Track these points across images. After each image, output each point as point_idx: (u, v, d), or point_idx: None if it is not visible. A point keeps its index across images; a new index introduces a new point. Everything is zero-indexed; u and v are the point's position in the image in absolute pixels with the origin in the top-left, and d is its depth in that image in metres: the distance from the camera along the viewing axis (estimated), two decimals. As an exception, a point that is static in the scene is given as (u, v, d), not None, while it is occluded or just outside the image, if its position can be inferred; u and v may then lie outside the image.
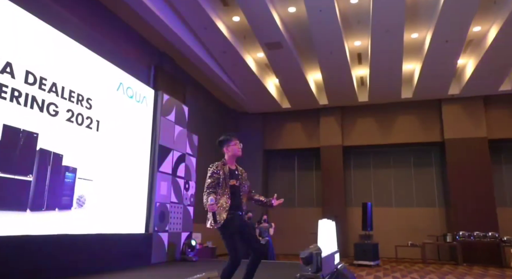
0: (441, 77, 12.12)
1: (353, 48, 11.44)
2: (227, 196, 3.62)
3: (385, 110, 14.41)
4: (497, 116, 13.28)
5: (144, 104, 7.14)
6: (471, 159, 12.94)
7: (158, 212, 6.88)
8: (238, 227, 3.59)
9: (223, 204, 3.57)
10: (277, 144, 15.70)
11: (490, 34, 10.14)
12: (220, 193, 3.59)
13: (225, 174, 3.66)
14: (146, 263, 6.44)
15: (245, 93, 13.78)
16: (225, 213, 3.52)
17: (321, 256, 4.84)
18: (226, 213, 3.52)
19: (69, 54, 5.51)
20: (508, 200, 13.15)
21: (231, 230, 3.52)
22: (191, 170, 8.59)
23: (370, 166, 15.22)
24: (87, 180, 5.54)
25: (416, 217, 13.90)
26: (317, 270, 4.93)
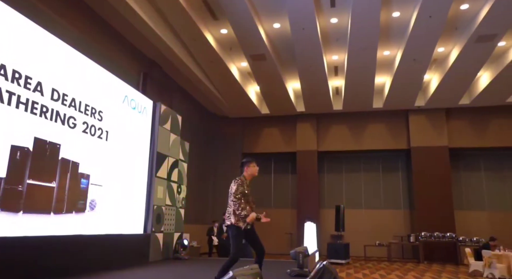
0: (408, 90, 13.21)
1: (331, 61, 12.30)
2: (249, 206, 4.36)
3: (357, 119, 15.40)
4: (457, 127, 14.56)
5: (144, 114, 7.63)
6: (434, 165, 14.14)
7: (155, 214, 7.41)
8: (247, 232, 4.38)
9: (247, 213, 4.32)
10: (256, 147, 16.37)
11: (452, 54, 11.26)
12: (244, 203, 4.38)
13: (246, 188, 4.41)
14: (144, 261, 6.95)
15: (227, 99, 14.38)
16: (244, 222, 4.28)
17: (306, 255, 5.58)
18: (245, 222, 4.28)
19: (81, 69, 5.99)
20: (464, 203, 14.44)
21: (243, 234, 4.29)
22: (183, 174, 9.14)
23: (342, 170, 16.20)
24: (98, 186, 6.00)
25: (383, 218, 14.99)
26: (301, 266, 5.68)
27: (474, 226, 13.93)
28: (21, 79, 4.67)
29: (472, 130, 14.42)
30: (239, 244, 4.29)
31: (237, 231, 4.31)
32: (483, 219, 14.15)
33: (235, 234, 4.32)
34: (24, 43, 4.81)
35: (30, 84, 4.80)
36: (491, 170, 14.70)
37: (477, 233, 13.42)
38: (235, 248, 4.26)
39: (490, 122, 14.32)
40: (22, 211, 4.56)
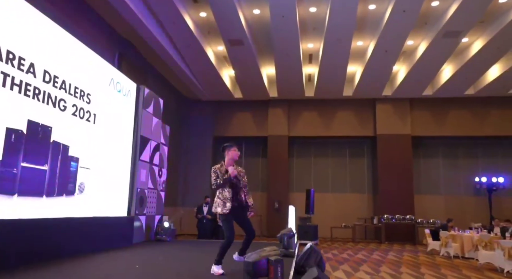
0: (377, 80, 13.80)
1: (306, 49, 12.56)
2: (227, 189, 4.51)
3: (327, 106, 15.89)
4: (419, 116, 15.43)
5: (128, 97, 7.54)
6: (397, 152, 14.97)
7: (138, 197, 7.44)
8: (235, 214, 4.52)
9: (226, 195, 4.46)
10: (227, 131, 16.51)
11: (420, 48, 11.86)
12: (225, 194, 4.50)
13: (222, 173, 4.52)
14: (128, 243, 7.02)
15: (202, 83, 14.35)
16: (229, 202, 4.44)
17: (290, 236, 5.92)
18: (230, 202, 4.44)
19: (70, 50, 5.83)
20: (423, 188, 15.46)
21: (230, 216, 4.46)
22: (164, 158, 9.16)
23: (311, 155, 16.74)
24: (86, 169, 5.95)
25: (349, 202, 15.76)
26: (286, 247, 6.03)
27: (430, 209, 15.00)
28: (15, 60, 4.53)
29: (433, 120, 15.35)
30: (230, 226, 4.46)
31: (225, 216, 4.46)
32: (439, 203, 15.25)
33: (224, 219, 4.49)
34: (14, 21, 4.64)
35: (23, 65, 4.66)
36: (448, 158, 15.78)
37: (433, 215, 14.49)
38: (228, 231, 4.44)
39: (449, 113, 15.29)
40: (17, 194, 4.50)
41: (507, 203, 14.74)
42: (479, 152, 15.64)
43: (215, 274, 4.29)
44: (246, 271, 2.67)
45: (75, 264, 5.12)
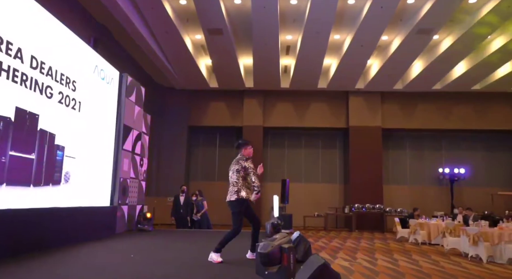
0: (352, 74, 14.16)
1: (284, 40, 12.66)
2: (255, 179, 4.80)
3: (302, 97, 16.13)
4: (389, 109, 16.00)
5: (111, 85, 7.33)
6: (368, 144, 15.49)
7: (121, 186, 7.31)
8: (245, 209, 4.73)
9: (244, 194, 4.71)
10: (202, 120, 16.42)
11: (393, 43, 12.27)
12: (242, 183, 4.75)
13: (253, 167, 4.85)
14: (111, 233, 6.92)
15: (178, 71, 14.14)
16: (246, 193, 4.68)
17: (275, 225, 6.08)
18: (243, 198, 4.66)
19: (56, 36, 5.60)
20: (391, 179, 16.13)
21: (241, 208, 4.67)
22: (145, 147, 9.02)
23: (285, 145, 16.99)
24: (72, 158, 5.77)
25: (321, 191, 16.18)
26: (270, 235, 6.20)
27: (397, 198, 15.70)
28: (2, 44, 4.31)
29: (402, 113, 15.97)
30: (241, 218, 4.67)
31: (240, 207, 4.63)
32: (405, 192, 15.99)
33: (238, 211, 4.65)
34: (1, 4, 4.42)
35: (11, 50, 4.44)
36: (414, 149, 16.52)
37: (400, 204, 15.20)
38: (238, 222, 4.62)
39: (417, 106, 15.96)
40: (5, 184, 4.33)
41: (467, 193, 15.68)
42: (443, 144, 16.47)
43: (214, 262, 4.39)
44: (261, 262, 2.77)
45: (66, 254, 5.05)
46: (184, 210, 8.95)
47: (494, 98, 15.53)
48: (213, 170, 16.82)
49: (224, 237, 4.54)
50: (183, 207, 8.94)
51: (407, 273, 6.09)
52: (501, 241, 7.63)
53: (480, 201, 14.72)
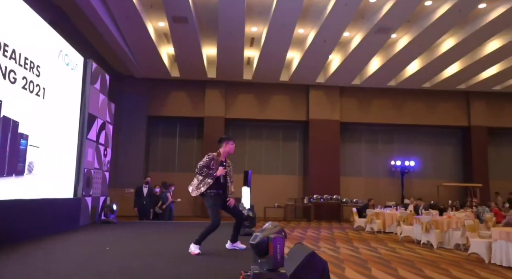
0: (313, 68, 14.47)
1: (249, 32, 12.65)
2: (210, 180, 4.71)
3: (263, 89, 16.25)
4: (347, 103, 16.57)
5: (76, 71, 6.92)
6: (327, 137, 15.97)
7: (85, 177, 6.98)
8: (220, 201, 4.71)
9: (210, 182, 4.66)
10: (162, 110, 16.07)
11: (354, 40, 12.69)
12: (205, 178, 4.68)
13: (217, 162, 4.73)
14: (75, 226, 6.61)
15: (138, 59, 13.69)
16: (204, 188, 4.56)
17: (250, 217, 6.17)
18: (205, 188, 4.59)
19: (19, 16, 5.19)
20: (347, 170, 16.77)
21: (215, 201, 4.63)
22: (109, 137, 8.65)
23: (246, 137, 17.07)
24: (35, 147, 5.40)
25: (281, 183, 16.48)
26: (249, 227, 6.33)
27: (353, 189, 16.38)
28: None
29: (358, 108, 16.61)
30: (216, 210, 4.65)
31: (214, 200, 4.61)
32: (360, 184, 16.72)
33: (212, 204, 4.63)
34: None
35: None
36: (369, 143, 17.28)
37: (355, 195, 15.89)
38: (215, 216, 4.61)
39: (373, 102, 16.66)
40: (-34, 175, 4.01)
41: (416, 184, 16.70)
42: (395, 138, 17.37)
43: (192, 254, 4.39)
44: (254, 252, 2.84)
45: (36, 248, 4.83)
46: (147, 202, 8.77)
47: (442, 95, 16.59)
48: (172, 160, 16.57)
49: (204, 230, 4.56)
50: (146, 199, 8.76)
51: (369, 260, 6.43)
52: (449, 228, 8.28)
53: (427, 192, 15.74)
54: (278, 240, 2.77)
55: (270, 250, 2.73)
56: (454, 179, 16.85)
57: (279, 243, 2.75)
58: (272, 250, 2.74)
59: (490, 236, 7.19)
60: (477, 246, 6.77)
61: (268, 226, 3.03)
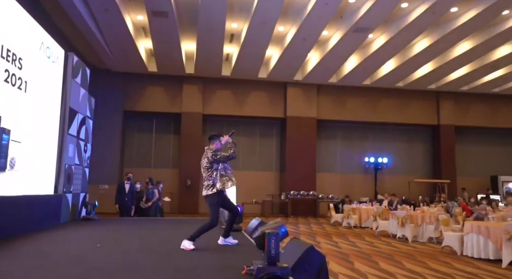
0: (291, 65, 14.63)
1: (229, 28, 12.62)
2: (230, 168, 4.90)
3: (242, 86, 16.28)
4: (324, 101, 16.86)
5: (57, 65, 6.67)
6: (304, 134, 16.20)
7: (66, 173, 6.77)
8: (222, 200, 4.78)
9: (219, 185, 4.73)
10: (138, 105, 15.80)
11: (332, 39, 12.91)
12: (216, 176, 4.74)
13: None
14: (56, 223, 6.41)
15: (114, 52, 13.38)
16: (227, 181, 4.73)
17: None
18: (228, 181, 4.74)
19: None
20: (323, 167, 17.08)
21: (218, 199, 4.72)
22: (89, 132, 8.42)
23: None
24: (17, 142, 5.19)
25: (258, 179, 16.59)
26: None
27: (328, 185, 16.71)
28: None
29: (334, 106, 16.94)
30: (216, 211, 4.74)
31: (217, 199, 4.67)
32: (335, 180, 17.09)
33: (214, 203, 4.68)
34: None
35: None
36: (344, 140, 17.67)
37: (331, 191, 16.23)
38: (214, 215, 4.67)
39: (348, 100, 17.03)
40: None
41: (388, 180, 17.25)
42: (369, 135, 17.84)
43: (186, 249, 4.40)
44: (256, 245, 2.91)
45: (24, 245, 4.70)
46: (129, 198, 8.64)
47: (414, 95, 17.19)
48: (149, 156, 16.35)
49: (200, 228, 4.59)
50: (128, 195, 8.63)
51: (351, 254, 6.64)
52: (423, 222, 8.64)
53: (399, 188, 16.26)
54: (273, 235, 2.84)
55: (265, 245, 2.80)
56: (424, 175, 17.54)
57: (274, 238, 2.83)
58: (267, 244, 2.81)
59: (460, 230, 7.59)
60: (450, 239, 7.12)
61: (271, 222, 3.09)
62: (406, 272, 5.29)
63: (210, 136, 5.07)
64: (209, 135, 5.10)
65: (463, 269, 5.68)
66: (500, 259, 6.08)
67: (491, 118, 17.68)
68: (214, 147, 4.91)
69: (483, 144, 18.35)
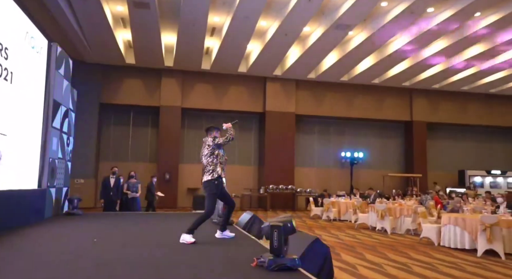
0: (272, 60, 14.71)
1: (211, 22, 12.52)
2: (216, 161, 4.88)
3: (221, 80, 16.22)
4: (302, 96, 17.07)
5: (41, 55, 6.39)
6: (282, 128, 16.37)
7: (49, 167, 6.53)
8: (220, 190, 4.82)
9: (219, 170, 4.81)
10: (115, 98, 15.46)
11: (313, 35, 13.08)
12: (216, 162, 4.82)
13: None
14: (41, 218, 6.20)
15: (91, 43, 13.00)
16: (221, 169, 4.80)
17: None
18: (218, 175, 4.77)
19: None
20: (301, 161, 17.33)
21: (217, 189, 4.75)
22: (72, 125, 8.15)
23: (202, 127, 16.94)
24: (3, 135, 4.96)
25: (237, 173, 16.63)
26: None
27: (306, 179, 17.00)
28: None
29: (313, 101, 17.19)
30: (214, 201, 4.78)
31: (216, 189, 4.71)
32: (313, 174, 17.40)
33: (214, 192, 4.71)
34: None
35: None
36: (322, 134, 17.98)
37: (308, 185, 16.52)
38: (211, 205, 4.71)
39: (326, 95, 17.32)
40: None
41: (363, 174, 17.73)
42: (346, 131, 18.24)
43: (187, 243, 4.41)
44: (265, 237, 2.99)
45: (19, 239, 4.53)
46: (114, 193, 8.48)
47: (389, 92, 17.68)
48: (126, 150, 16.05)
49: (196, 220, 4.61)
50: (113, 190, 8.47)
51: (335, 246, 6.84)
52: (401, 215, 8.99)
53: (374, 182, 16.76)
54: (275, 228, 2.91)
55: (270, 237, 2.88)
56: (398, 170, 18.14)
57: (276, 230, 2.90)
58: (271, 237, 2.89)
59: (435, 222, 7.95)
60: (428, 230, 7.47)
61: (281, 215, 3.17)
62: (392, 263, 5.52)
63: (207, 128, 5.12)
64: (206, 127, 5.13)
65: (443, 258, 5.98)
66: (475, 249, 6.45)
67: (459, 115, 18.48)
68: (212, 136, 4.98)
69: (452, 139, 19.17)
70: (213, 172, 4.77)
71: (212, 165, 4.81)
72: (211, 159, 4.83)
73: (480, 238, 6.32)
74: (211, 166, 4.79)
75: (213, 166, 4.78)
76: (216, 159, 4.83)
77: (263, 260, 2.90)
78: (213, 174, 4.76)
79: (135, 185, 9.03)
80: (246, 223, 5.67)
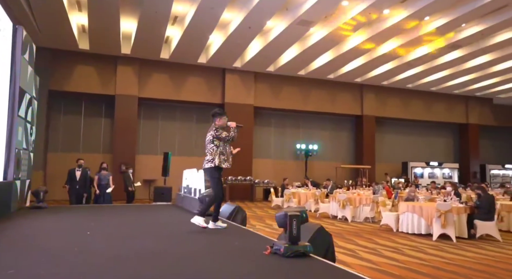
0: (232, 52, 14.73)
1: (174, 11, 12.18)
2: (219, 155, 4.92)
3: (180, 70, 15.93)
4: (261, 89, 17.30)
5: (4, 39, 5.83)
6: (241, 120, 16.29)
7: (15, 158, 6.03)
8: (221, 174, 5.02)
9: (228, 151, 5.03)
10: (65, 85, 14.60)
11: (275, 29, 13.26)
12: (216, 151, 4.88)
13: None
14: (7, 212, 5.72)
15: (42, 25, 12.13)
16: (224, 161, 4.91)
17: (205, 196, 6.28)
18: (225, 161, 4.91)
19: None
20: (258, 153, 17.59)
21: (218, 175, 4.94)
22: (35, 114, 7.55)
23: (158, 117, 16.60)
24: None
25: (195, 164, 16.44)
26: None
27: (263, 171, 17.34)
28: None
29: (270, 93, 17.49)
30: (220, 184, 4.97)
31: (217, 173, 4.87)
32: (269, 165, 17.77)
33: (216, 176, 4.87)
34: None
35: None
36: (278, 127, 18.38)
37: (265, 176, 16.88)
38: (217, 187, 4.90)
39: (283, 89, 17.69)
40: None
41: (317, 166, 18.45)
42: (301, 123, 18.81)
43: (200, 225, 4.53)
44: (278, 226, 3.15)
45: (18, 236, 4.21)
46: (80, 186, 8.11)
47: (342, 87, 18.49)
48: (77, 140, 15.28)
49: (207, 202, 4.73)
50: (80, 183, 8.09)
51: (306, 234, 7.16)
52: (360, 204, 9.58)
53: (327, 173, 17.52)
54: (294, 217, 3.10)
55: (288, 226, 3.05)
56: (349, 161, 19.10)
57: (295, 220, 3.09)
58: (289, 225, 3.06)
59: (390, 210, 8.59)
60: (388, 218, 8.07)
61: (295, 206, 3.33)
62: (363, 248, 5.94)
63: (213, 113, 5.08)
64: (213, 112, 5.09)
65: (405, 243, 6.54)
66: (430, 234, 7.12)
67: (404, 110, 19.83)
68: (220, 124, 4.98)
69: (397, 133, 20.55)
70: (211, 162, 4.87)
71: (211, 154, 4.88)
72: (213, 146, 4.90)
73: (436, 224, 6.98)
74: (211, 154, 4.88)
75: (212, 155, 4.85)
76: (216, 147, 4.88)
77: (277, 248, 3.05)
78: (210, 164, 4.85)
79: (106, 176, 8.74)
80: (230, 214, 5.77)
